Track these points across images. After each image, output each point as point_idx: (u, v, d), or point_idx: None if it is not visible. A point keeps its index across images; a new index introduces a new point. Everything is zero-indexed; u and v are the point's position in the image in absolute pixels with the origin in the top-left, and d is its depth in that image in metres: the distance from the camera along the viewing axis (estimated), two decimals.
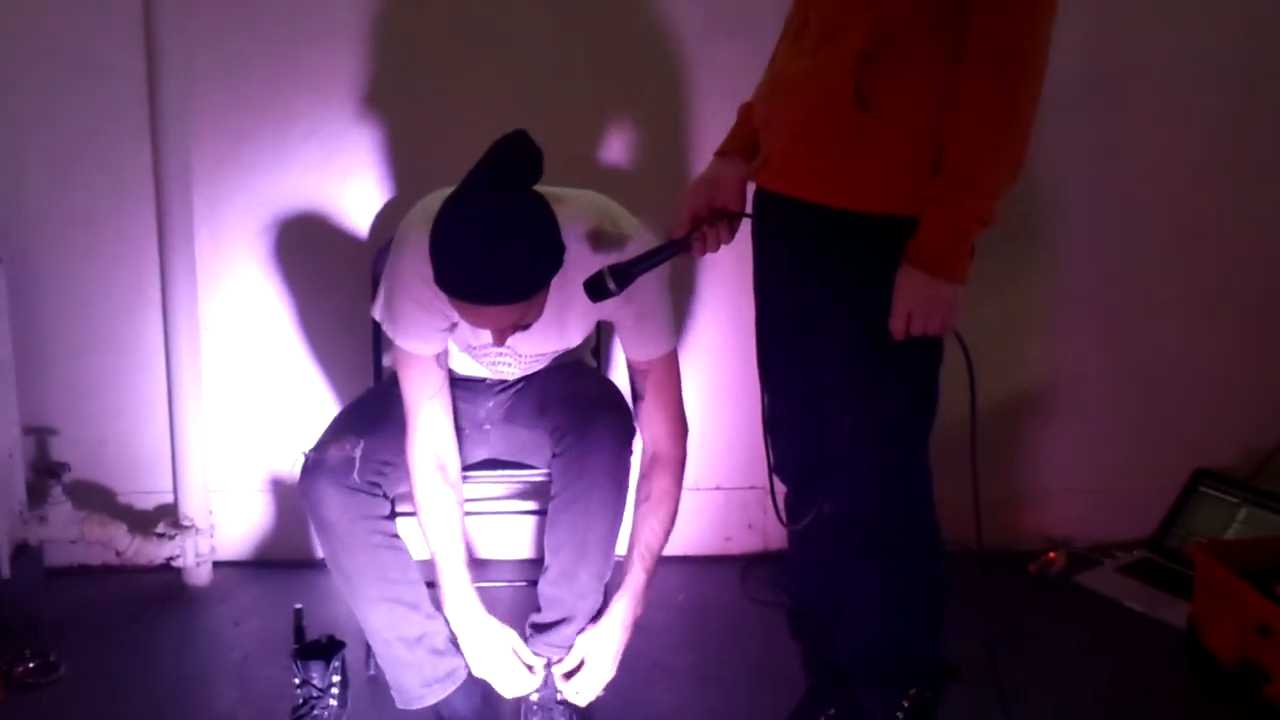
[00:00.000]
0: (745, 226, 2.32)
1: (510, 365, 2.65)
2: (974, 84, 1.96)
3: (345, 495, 2.45)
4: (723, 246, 2.29)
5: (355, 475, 2.46)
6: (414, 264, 2.39)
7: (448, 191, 2.32)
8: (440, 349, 2.52)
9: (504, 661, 2.51)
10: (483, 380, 2.75)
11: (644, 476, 2.58)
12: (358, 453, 2.48)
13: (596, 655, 2.53)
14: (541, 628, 2.54)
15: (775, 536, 3.52)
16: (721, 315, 3.39)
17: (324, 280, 3.29)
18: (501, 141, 2.19)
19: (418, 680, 2.54)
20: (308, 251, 3.28)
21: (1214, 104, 3.40)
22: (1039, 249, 3.44)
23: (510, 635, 2.54)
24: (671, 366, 2.58)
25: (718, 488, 3.55)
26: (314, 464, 2.48)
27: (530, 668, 2.53)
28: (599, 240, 2.40)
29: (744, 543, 3.59)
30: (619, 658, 2.55)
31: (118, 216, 3.20)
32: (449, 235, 2.18)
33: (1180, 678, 3.01)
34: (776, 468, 2.46)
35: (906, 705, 2.36)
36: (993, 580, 2.35)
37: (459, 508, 2.55)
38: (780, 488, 2.48)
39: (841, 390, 2.21)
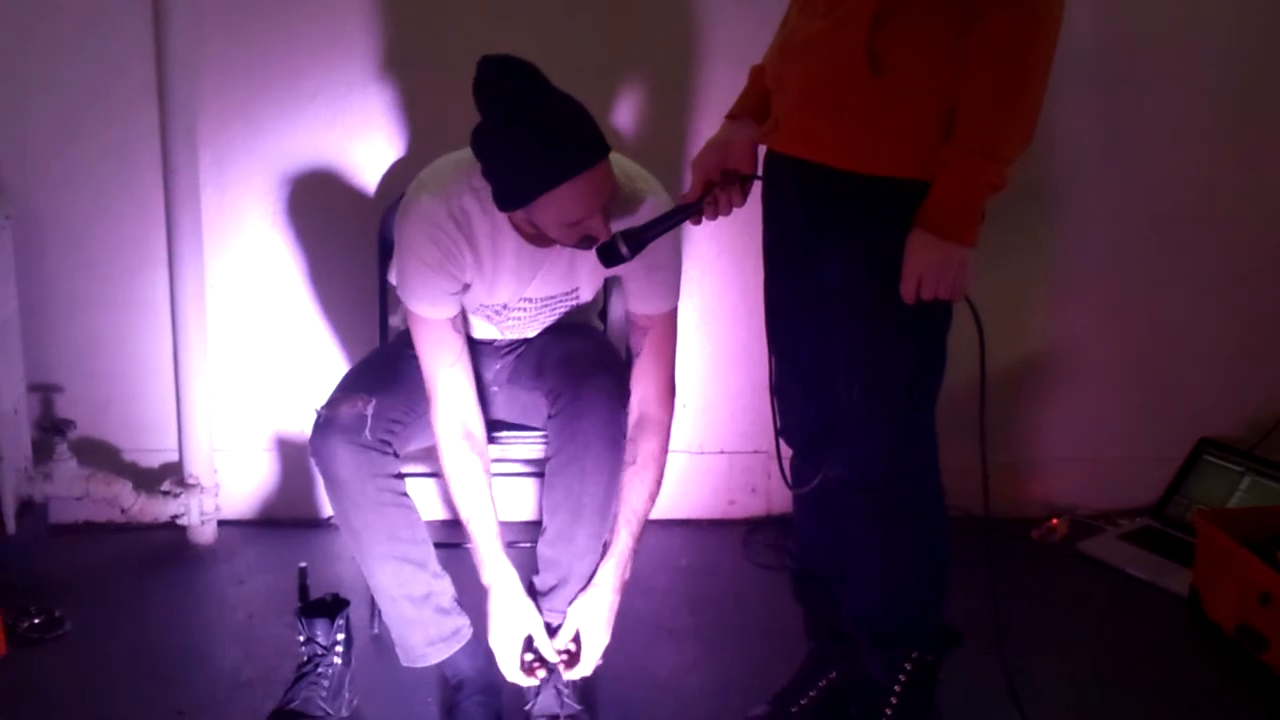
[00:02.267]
0: (756, 190, 2.32)
1: (521, 317, 2.65)
2: (987, 49, 1.96)
3: (356, 453, 2.45)
4: (733, 210, 2.30)
5: (367, 433, 2.46)
6: (422, 228, 2.43)
7: (449, 158, 2.39)
8: (454, 312, 2.52)
9: (513, 649, 2.51)
10: (490, 342, 2.76)
11: (630, 440, 2.58)
12: (369, 410, 2.48)
13: (590, 623, 2.53)
14: (541, 592, 2.55)
15: (778, 500, 3.54)
16: (727, 279, 3.38)
17: (330, 239, 3.29)
18: (486, 62, 2.26)
19: (423, 639, 2.55)
20: (314, 210, 3.27)
21: (1223, 75, 3.39)
22: (1046, 217, 3.43)
23: (533, 622, 2.52)
24: (671, 324, 2.60)
25: (721, 452, 3.55)
26: (326, 421, 2.48)
27: (535, 665, 2.53)
28: (615, 196, 2.42)
29: (747, 506, 3.59)
30: (612, 622, 2.56)
31: (124, 175, 3.20)
32: (543, 132, 2.23)
33: (1181, 644, 3.03)
34: (782, 431, 2.46)
35: (909, 668, 2.36)
36: (995, 546, 2.36)
37: (487, 475, 2.56)
38: (786, 451, 2.48)
39: (850, 354, 2.21)
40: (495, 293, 2.54)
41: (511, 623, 2.51)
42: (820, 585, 2.56)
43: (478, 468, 2.53)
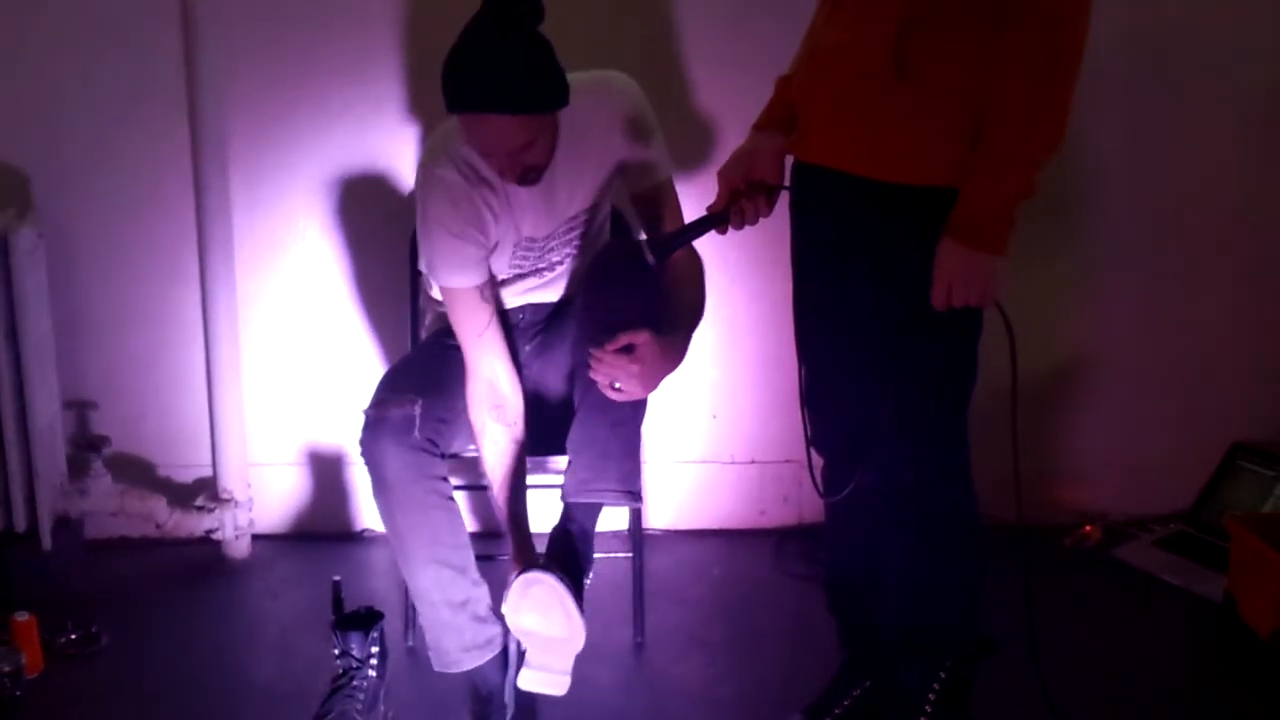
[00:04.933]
0: (783, 200, 2.33)
1: (555, 246, 2.66)
2: (1015, 56, 1.96)
3: (406, 453, 2.46)
4: (760, 220, 2.30)
5: (416, 433, 2.47)
6: (436, 194, 2.51)
7: (448, 121, 2.45)
8: (482, 279, 2.56)
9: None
10: (516, 325, 2.78)
11: None
12: (417, 410, 2.49)
13: (644, 352, 2.42)
14: (581, 477, 2.51)
15: (810, 510, 3.53)
16: (755, 290, 3.38)
17: (361, 254, 3.31)
18: None
19: (457, 644, 2.56)
20: (344, 225, 3.29)
21: (1256, 75, 3.37)
22: (1077, 223, 3.41)
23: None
24: (672, 191, 2.67)
25: (752, 461, 3.55)
26: (375, 422, 2.49)
27: None
28: (632, 126, 2.56)
29: (779, 516, 3.59)
30: (658, 375, 2.46)
31: (155, 192, 3.22)
32: (456, 60, 2.32)
33: (1217, 650, 3.02)
34: (813, 440, 2.46)
35: (943, 677, 2.36)
36: (1029, 554, 2.36)
37: (515, 442, 2.57)
38: (817, 460, 2.48)
39: (880, 362, 2.21)
40: (524, 225, 2.58)
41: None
42: (853, 595, 2.55)
43: (506, 435, 2.55)
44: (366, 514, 3.47)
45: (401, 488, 2.47)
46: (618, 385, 2.42)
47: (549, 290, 2.76)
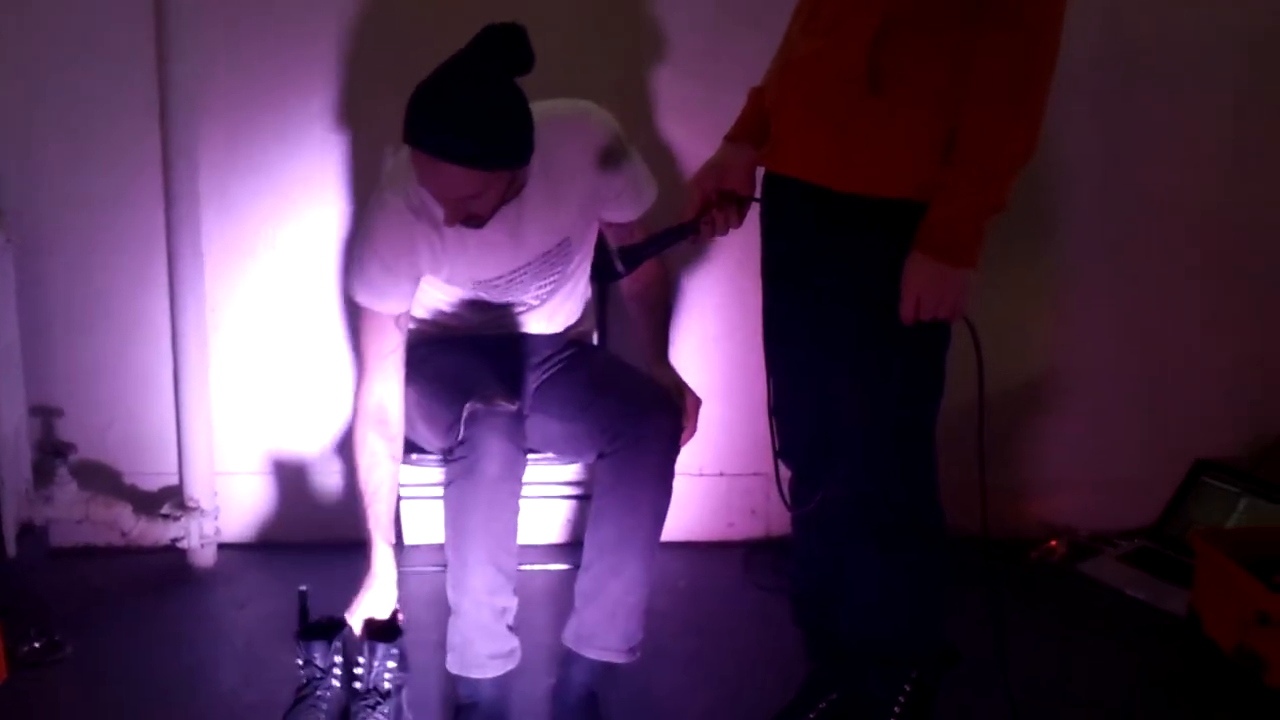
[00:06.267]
0: (754, 211, 2.34)
1: (525, 281, 2.67)
2: (988, 67, 1.98)
3: (513, 452, 2.47)
4: (730, 230, 2.31)
5: (518, 435, 2.49)
6: (381, 223, 2.54)
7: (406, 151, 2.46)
8: (399, 311, 2.58)
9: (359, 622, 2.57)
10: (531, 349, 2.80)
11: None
12: (517, 411, 2.51)
13: (694, 415, 2.72)
14: (584, 634, 2.61)
15: (777, 522, 3.53)
16: (723, 301, 3.39)
17: (331, 262, 3.30)
18: (489, 29, 2.34)
19: (487, 650, 2.54)
20: (315, 233, 3.28)
21: (1225, 89, 3.40)
22: (1045, 237, 3.44)
23: (389, 607, 2.60)
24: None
25: (720, 474, 3.55)
26: (487, 415, 2.46)
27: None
28: (607, 157, 2.58)
29: (746, 528, 3.59)
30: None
31: (125, 198, 3.20)
32: (423, 95, 2.33)
33: (1180, 665, 3.02)
34: (781, 452, 2.47)
35: (908, 689, 2.37)
36: (994, 567, 2.37)
37: (395, 461, 2.58)
38: (785, 473, 2.49)
39: (848, 374, 2.22)
40: (480, 267, 2.60)
41: (379, 601, 2.57)
42: (819, 606, 2.56)
43: (385, 452, 2.56)
44: (333, 524, 3.46)
45: (497, 485, 2.46)
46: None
47: (537, 322, 2.80)
